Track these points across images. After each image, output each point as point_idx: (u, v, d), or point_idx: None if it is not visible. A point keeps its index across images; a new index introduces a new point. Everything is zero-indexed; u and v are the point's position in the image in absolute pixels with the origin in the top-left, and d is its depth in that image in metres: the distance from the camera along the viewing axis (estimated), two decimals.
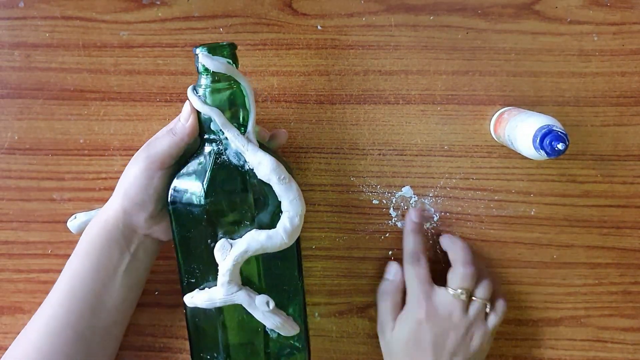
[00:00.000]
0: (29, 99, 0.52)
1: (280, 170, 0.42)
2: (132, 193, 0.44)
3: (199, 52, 0.42)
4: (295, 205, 0.43)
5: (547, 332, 0.54)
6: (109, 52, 0.52)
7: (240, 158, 0.43)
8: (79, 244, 0.46)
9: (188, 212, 0.43)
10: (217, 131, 0.43)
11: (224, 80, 0.43)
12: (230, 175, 0.43)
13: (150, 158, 0.43)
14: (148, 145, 0.45)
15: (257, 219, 0.43)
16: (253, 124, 0.43)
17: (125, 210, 0.44)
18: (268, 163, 0.42)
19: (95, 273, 0.45)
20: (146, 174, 0.44)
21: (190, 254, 0.45)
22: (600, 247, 0.53)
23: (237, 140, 0.42)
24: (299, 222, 0.43)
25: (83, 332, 0.44)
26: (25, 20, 0.51)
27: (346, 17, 0.51)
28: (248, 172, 0.43)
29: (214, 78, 0.43)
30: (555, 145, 0.41)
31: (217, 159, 0.43)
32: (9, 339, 0.53)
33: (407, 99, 0.52)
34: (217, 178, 0.43)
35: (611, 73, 0.51)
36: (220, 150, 0.43)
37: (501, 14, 0.51)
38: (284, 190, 0.42)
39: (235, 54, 0.43)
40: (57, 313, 0.44)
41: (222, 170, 0.43)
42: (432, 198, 0.53)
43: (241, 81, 0.43)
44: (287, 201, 0.43)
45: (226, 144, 0.43)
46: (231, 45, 0.43)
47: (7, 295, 0.54)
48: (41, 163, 0.53)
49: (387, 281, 0.52)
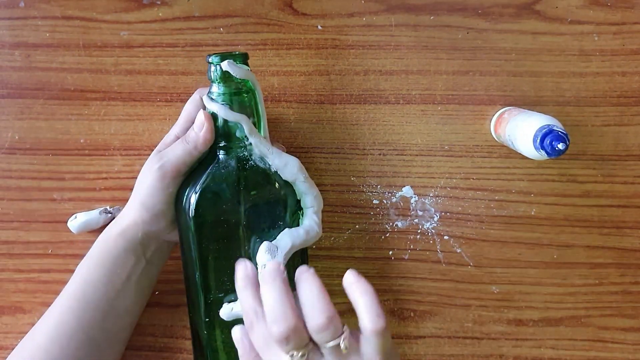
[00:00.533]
0: (30, 99, 0.52)
1: (304, 169, 0.44)
2: (150, 204, 0.44)
3: (223, 62, 0.42)
4: (319, 200, 0.45)
5: (547, 332, 0.54)
6: (110, 52, 0.52)
7: (265, 162, 0.44)
8: (93, 249, 0.46)
9: (221, 223, 0.43)
10: (242, 137, 0.44)
11: (241, 88, 0.44)
12: (262, 179, 0.44)
13: (164, 167, 0.43)
14: (160, 154, 0.44)
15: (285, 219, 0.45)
16: (265, 127, 0.45)
17: (144, 221, 0.44)
18: (294, 163, 0.44)
19: (108, 281, 0.44)
20: (161, 184, 0.43)
21: (220, 267, 0.44)
22: (600, 247, 0.53)
23: (262, 145, 0.43)
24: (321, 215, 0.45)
25: (94, 336, 0.44)
26: (25, 20, 0.51)
27: (346, 17, 0.51)
28: (274, 175, 0.44)
29: (236, 86, 0.44)
30: (556, 145, 0.41)
31: (245, 165, 0.44)
32: (10, 339, 0.53)
33: (408, 98, 0.52)
34: (252, 182, 0.44)
35: (612, 73, 0.51)
36: (245, 157, 0.44)
37: (502, 13, 0.51)
38: (308, 187, 0.45)
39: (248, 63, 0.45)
40: (67, 318, 0.44)
41: (254, 174, 0.44)
42: (432, 198, 0.53)
43: (257, 88, 0.44)
44: (312, 197, 0.45)
45: (250, 149, 0.44)
46: (245, 54, 0.44)
47: (8, 295, 0.54)
48: (42, 163, 0.53)
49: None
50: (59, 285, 0.51)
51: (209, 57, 0.43)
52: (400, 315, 0.54)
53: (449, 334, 0.54)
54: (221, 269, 0.44)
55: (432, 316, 0.54)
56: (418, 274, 0.53)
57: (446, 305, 0.54)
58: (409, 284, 0.53)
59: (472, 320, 0.54)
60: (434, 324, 0.54)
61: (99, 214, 0.51)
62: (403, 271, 0.53)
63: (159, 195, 0.44)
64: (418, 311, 0.54)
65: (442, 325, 0.54)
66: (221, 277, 0.44)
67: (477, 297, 0.53)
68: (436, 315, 0.54)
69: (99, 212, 0.52)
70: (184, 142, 0.44)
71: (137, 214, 0.44)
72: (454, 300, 0.53)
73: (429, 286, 0.53)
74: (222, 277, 0.44)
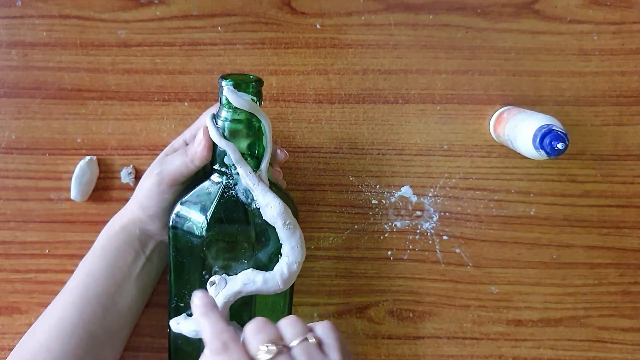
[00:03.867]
0: (27, 98, 0.52)
1: (287, 215, 0.42)
2: (146, 205, 0.45)
3: (225, 86, 0.41)
4: (296, 253, 0.42)
5: (546, 332, 0.54)
6: (107, 51, 0.51)
7: (248, 196, 0.43)
8: (96, 243, 0.47)
9: (187, 240, 0.43)
10: (230, 165, 0.43)
11: (245, 116, 0.42)
12: (235, 212, 0.43)
13: (162, 174, 0.44)
14: (162, 160, 0.45)
15: (255, 257, 0.43)
16: (267, 163, 0.43)
17: (141, 220, 0.46)
18: (276, 206, 0.41)
19: (110, 274, 0.45)
20: (158, 189, 0.44)
21: (183, 279, 0.45)
22: (600, 247, 0.53)
23: (249, 178, 0.42)
24: (296, 269, 0.42)
25: (94, 333, 0.44)
26: (22, 19, 0.51)
27: (345, 15, 0.51)
28: (254, 212, 0.43)
29: (236, 113, 0.42)
30: (555, 145, 0.41)
31: (224, 193, 0.43)
32: (7, 339, 0.53)
33: (407, 98, 0.52)
34: (222, 213, 0.43)
35: (611, 72, 0.51)
36: (229, 184, 0.43)
37: (501, 13, 0.50)
38: (287, 235, 0.42)
39: (261, 90, 0.43)
40: (69, 313, 0.44)
41: (227, 205, 0.43)
42: (431, 198, 0.53)
43: (262, 119, 0.43)
44: (289, 247, 0.42)
45: (236, 179, 0.43)
46: (258, 82, 0.43)
47: (5, 295, 0.53)
48: (39, 162, 0.52)
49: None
50: (56, 286, 0.51)
51: (220, 80, 0.42)
52: (399, 316, 0.54)
53: (448, 334, 0.54)
54: (183, 282, 0.45)
55: (431, 316, 0.54)
56: (417, 274, 0.53)
57: (445, 305, 0.53)
58: (408, 284, 0.53)
59: (471, 320, 0.53)
60: (433, 325, 0.54)
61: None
62: (402, 271, 0.53)
63: (155, 199, 0.45)
64: (417, 311, 0.54)
65: (441, 326, 0.54)
66: (182, 289, 0.45)
67: (476, 298, 0.53)
68: (435, 315, 0.54)
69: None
70: (184, 154, 0.44)
71: (135, 212, 0.46)
72: (453, 300, 0.53)
73: (428, 286, 0.53)
74: (183, 289, 0.45)
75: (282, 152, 0.45)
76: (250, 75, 0.44)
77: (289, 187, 0.52)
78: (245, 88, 0.42)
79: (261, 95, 0.43)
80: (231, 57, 0.51)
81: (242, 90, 0.42)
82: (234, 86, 0.41)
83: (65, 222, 0.53)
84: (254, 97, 0.42)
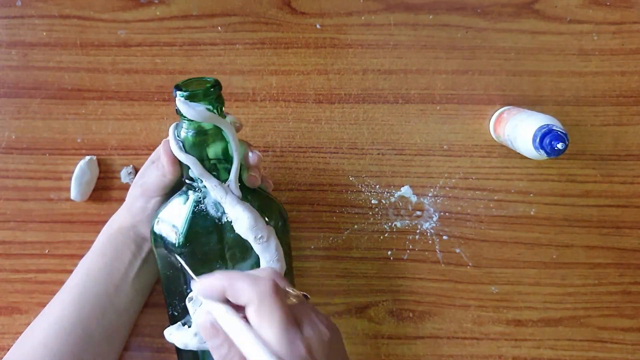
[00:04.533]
0: (27, 98, 0.52)
1: (257, 229, 0.39)
2: (134, 211, 0.46)
3: (177, 98, 0.38)
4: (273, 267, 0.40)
5: (546, 332, 0.54)
6: (107, 51, 0.51)
7: (218, 209, 0.41)
8: (95, 244, 0.47)
9: (166, 255, 0.43)
10: (197, 179, 0.41)
11: (204, 126, 0.40)
12: (205, 228, 0.41)
13: (144, 186, 0.45)
14: (144, 172, 0.46)
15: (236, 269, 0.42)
16: (236, 171, 0.40)
17: (133, 224, 0.46)
18: (245, 220, 0.39)
19: (107, 275, 0.45)
20: (142, 199, 0.45)
21: (171, 291, 0.44)
22: (600, 247, 0.53)
23: (216, 191, 0.40)
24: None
25: (92, 332, 0.44)
26: (22, 19, 0.51)
27: (345, 15, 0.51)
28: (225, 226, 0.41)
29: (193, 124, 0.39)
30: (555, 145, 0.41)
31: (195, 207, 0.41)
32: (6, 339, 0.53)
33: (407, 98, 0.52)
34: (193, 228, 0.41)
35: (611, 72, 0.51)
36: (199, 198, 0.41)
37: (501, 13, 0.50)
38: (261, 249, 0.40)
39: (220, 95, 0.40)
40: (68, 312, 0.44)
41: (198, 220, 0.41)
42: (431, 198, 0.53)
43: (223, 127, 0.40)
44: (265, 261, 0.40)
45: (205, 192, 0.41)
46: (214, 88, 0.39)
47: (5, 295, 0.53)
48: (39, 162, 0.52)
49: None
50: (55, 286, 0.51)
51: (174, 91, 0.38)
52: (399, 316, 0.54)
53: (448, 334, 0.54)
54: (172, 293, 0.44)
55: (431, 316, 0.54)
56: (417, 274, 0.53)
57: (445, 305, 0.53)
58: (408, 284, 0.53)
59: (471, 320, 0.53)
60: (433, 325, 0.54)
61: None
62: (402, 271, 0.53)
63: (140, 206, 0.45)
64: (417, 311, 0.54)
65: (441, 326, 0.54)
66: (173, 299, 0.45)
67: (476, 298, 0.53)
68: (435, 315, 0.54)
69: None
70: (155, 167, 0.44)
71: (127, 217, 0.46)
72: (453, 300, 0.53)
73: (428, 286, 0.53)
74: (174, 299, 0.45)
75: (253, 154, 0.43)
76: (207, 79, 0.40)
77: (289, 187, 0.52)
78: (201, 97, 0.38)
79: (221, 99, 0.40)
80: (231, 57, 0.51)
81: (196, 100, 0.38)
82: (188, 97, 0.38)
83: (65, 222, 0.53)
84: (210, 105, 0.39)
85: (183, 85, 0.39)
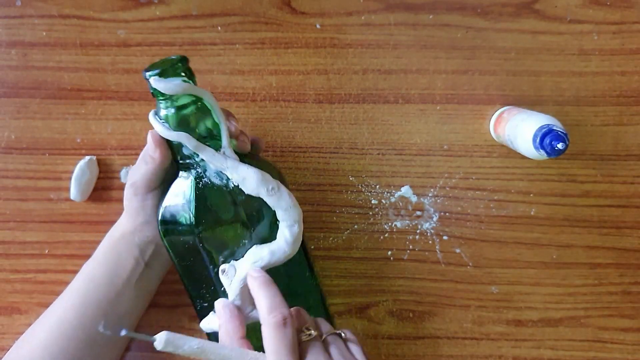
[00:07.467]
0: (26, 98, 0.52)
1: (267, 181, 0.40)
2: (134, 214, 0.45)
3: (150, 78, 0.38)
4: (292, 213, 0.40)
5: (546, 332, 0.54)
6: (107, 51, 0.51)
7: (222, 177, 0.41)
8: (98, 250, 0.47)
9: (182, 242, 0.42)
10: (192, 155, 0.41)
11: (184, 99, 0.40)
12: (216, 198, 0.41)
13: (135, 184, 0.44)
14: (132, 170, 0.46)
15: (254, 233, 0.42)
16: (227, 137, 0.41)
17: (135, 228, 0.45)
18: (253, 177, 0.39)
19: (109, 280, 0.45)
20: (137, 197, 0.44)
21: (195, 281, 0.44)
22: (600, 247, 0.53)
23: (215, 160, 0.40)
24: (298, 229, 0.40)
25: (94, 336, 0.44)
26: (22, 19, 0.51)
27: (345, 15, 0.51)
28: (234, 190, 0.41)
29: (173, 99, 0.40)
30: (555, 145, 0.41)
31: (198, 184, 0.41)
32: (6, 339, 0.53)
33: (407, 98, 0.52)
34: (204, 203, 0.41)
35: (611, 72, 0.51)
36: (199, 173, 0.41)
37: (501, 12, 0.50)
38: (275, 200, 0.40)
39: (189, 67, 0.40)
40: (69, 315, 0.44)
41: (206, 194, 0.41)
42: (431, 198, 0.52)
43: (203, 95, 0.40)
44: (282, 210, 0.40)
45: (204, 166, 0.41)
46: (182, 60, 0.40)
47: (4, 295, 0.53)
48: (38, 162, 0.52)
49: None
50: (55, 286, 0.51)
51: (144, 73, 0.39)
52: (399, 316, 0.54)
53: (448, 334, 0.54)
54: (198, 284, 0.44)
55: (431, 317, 0.54)
56: (417, 275, 0.53)
57: (445, 305, 0.53)
58: (408, 284, 0.53)
59: (471, 320, 0.53)
60: (433, 325, 0.54)
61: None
62: (402, 271, 0.53)
63: (139, 207, 0.45)
64: (417, 312, 0.54)
65: (441, 326, 0.54)
66: (200, 290, 0.44)
67: (477, 298, 0.53)
68: (435, 315, 0.53)
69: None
70: (143, 161, 0.43)
71: (127, 223, 0.46)
72: (453, 300, 0.53)
73: (428, 286, 0.53)
74: (201, 290, 0.44)
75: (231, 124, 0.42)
76: (172, 57, 0.40)
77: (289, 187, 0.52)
78: (173, 71, 0.39)
79: (191, 71, 0.40)
80: (231, 57, 0.51)
81: (170, 75, 0.39)
82: (159, 75, 0.38)
83: (65, 222, 0.53)
84: (184, 77, 0.39)
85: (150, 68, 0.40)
